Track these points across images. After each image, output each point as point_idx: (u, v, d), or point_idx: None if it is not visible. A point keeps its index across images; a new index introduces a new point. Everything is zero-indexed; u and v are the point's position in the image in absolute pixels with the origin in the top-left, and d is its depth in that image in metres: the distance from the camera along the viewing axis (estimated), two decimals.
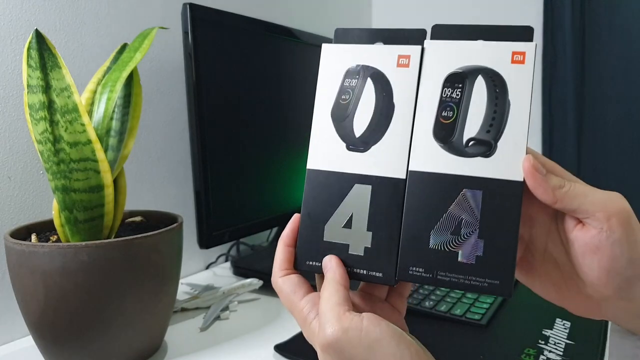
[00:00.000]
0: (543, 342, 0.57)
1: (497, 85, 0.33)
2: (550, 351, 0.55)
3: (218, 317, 0.70)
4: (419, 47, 0.35)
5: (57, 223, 0.54)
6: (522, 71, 0.32)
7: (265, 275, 0.79)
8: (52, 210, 0.55)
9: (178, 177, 0.87)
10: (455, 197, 0.33)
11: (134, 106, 0.60)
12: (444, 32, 0.35)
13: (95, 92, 0.58)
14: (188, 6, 0.68)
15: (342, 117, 0.36)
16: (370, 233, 0.34)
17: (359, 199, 0.35)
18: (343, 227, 0.35)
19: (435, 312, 0.65)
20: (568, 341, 0.58)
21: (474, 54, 0.33)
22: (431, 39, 0.35)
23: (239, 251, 0.99)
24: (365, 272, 0.35)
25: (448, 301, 0.68)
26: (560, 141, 1.31)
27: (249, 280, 0.76)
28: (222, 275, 0.90)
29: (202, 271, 0.93)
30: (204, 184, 0.71)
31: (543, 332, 0.60)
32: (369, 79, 0.36)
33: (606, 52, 1.27)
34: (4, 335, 0.64)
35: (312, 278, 0.38)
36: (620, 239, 0.31)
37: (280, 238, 0.38)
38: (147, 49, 0.57)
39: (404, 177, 0.34)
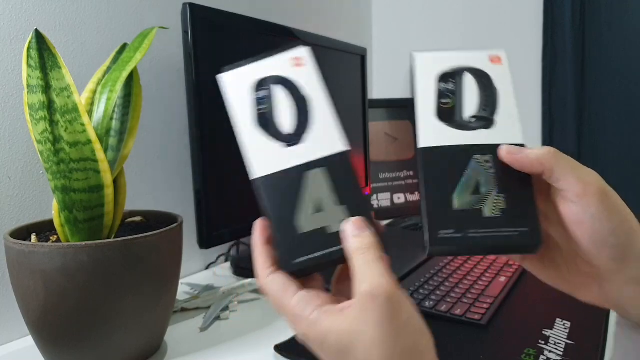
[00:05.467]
0: (543, 342, 0.57)
1: (482, 77, 0.40)
2: (550, 351, 0.55)
3: (218, 317, 0.70)
4: (307, 47, 0.40)
5: (57, 223, 0.54)
6: (501, 68, 0.40)
7: None
8: (52, 210, 0.55)
9: (178, 177, 0.87)
10: (468, 163, 0.37)
11: (134, 106, 0.60)
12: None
13: (95, 92, 0.58)
14: (188, 6, 0.68)
15: (267, 123, 0.38)
16: (344, 206, 0.36)
17: (317, 184, 0.36)
18: (314, 214, 0.36)
19: (435, 312, 0.65)
20: (568, 341, 0.58)
21: (458, 59, 0.41)
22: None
23: (239, 251, 0.99)
24: None
25: (448, 301, 0.68)
26: (561, 141, 1.31)
27: (249, 280, 0.76)
28: (222, 275, 0.90)
29: (202, 271, 0.93)
30: (204, 184, 0.71)
31: (543, 332, 0.60)
32: (275, 85, 0.39)
33: (606, 52, 1.26)
34: (4, 335, 0.64)
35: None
36: (596, 214, 0.34)
37: (253, 244, 0.37)
38: (147, 48, 0.57)
39: (346, 148, 0.37)
